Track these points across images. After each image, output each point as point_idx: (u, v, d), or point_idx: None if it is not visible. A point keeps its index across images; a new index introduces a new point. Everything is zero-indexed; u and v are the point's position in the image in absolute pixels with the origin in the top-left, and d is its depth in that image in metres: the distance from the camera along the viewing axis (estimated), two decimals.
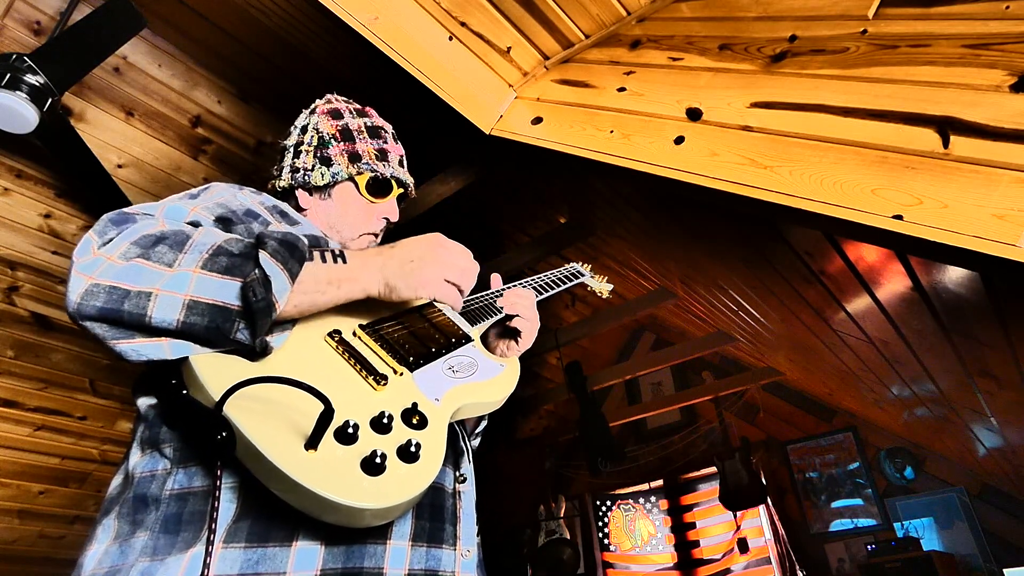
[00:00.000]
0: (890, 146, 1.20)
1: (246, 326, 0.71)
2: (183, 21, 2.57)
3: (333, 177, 1.09)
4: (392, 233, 1.26)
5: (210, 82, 2.86)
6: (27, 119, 2.10)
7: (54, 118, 2.20)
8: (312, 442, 0.68)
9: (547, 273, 1.37)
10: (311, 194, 1.11)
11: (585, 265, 1.55)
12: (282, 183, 1.13)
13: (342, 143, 1.11)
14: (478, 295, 1.17)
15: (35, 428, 3.46)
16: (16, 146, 2.65)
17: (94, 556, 0.72)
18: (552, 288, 1.33)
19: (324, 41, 2.60)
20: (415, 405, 0.81)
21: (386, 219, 1.14)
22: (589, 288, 1.57)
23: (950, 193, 1.09)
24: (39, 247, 2.99)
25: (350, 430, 0.71)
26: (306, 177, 1.10)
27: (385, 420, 0.75)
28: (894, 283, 1.91)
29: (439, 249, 0.88)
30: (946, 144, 1.13)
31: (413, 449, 0.73)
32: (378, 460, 0.69)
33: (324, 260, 0.82)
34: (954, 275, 1.64)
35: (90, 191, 2.72)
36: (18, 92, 2.04)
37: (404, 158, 1.20)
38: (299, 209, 1.11)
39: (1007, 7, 1.19)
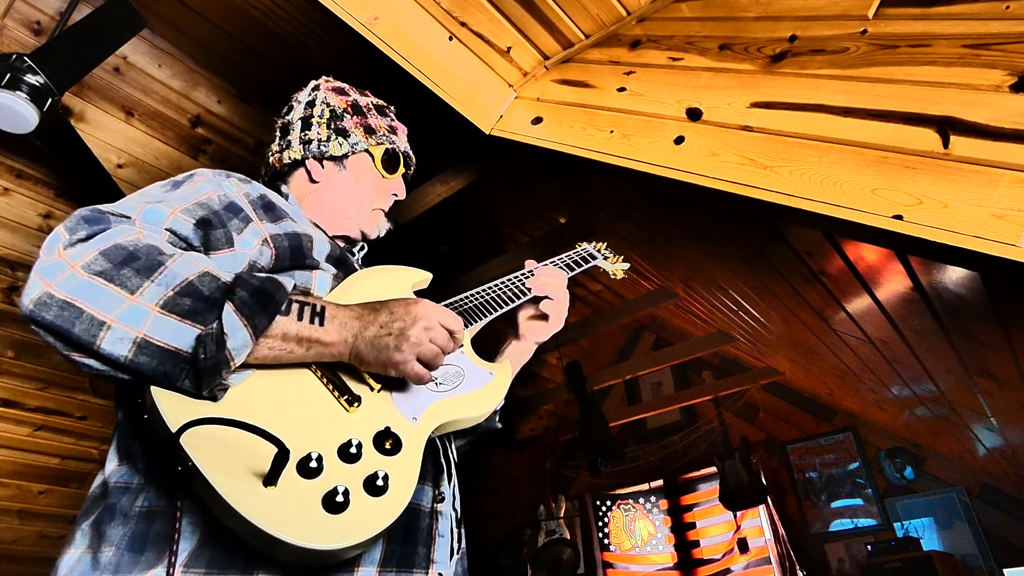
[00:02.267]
0: (890, 146, 1.20)
1: (193, 376, 0.69)
2: (183, 21, 2.57)
3: (352, 147, 1.09)
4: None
5: (210, 82, 2.86)
6: (27, 119, 2.10)
7: (54, 118, 2.20)
8: (271, 480, 0.65)
9: (563, 255, 1.32)
10: (324, 165, 1.10)
11: (598, 244, 1.49)
12: (293, 154, 1.10)
13: (355, 117, 1.12)
14: (491, 284, 1.12)
15: (35, 428, 3.47)
16: (16, 146, 2.65)
17: (68, 562, 0.71)
18: (576, 267, 1.30)
19: (324, 41, 2.60)
20: (388, 429, 0.77)
21: (395, 195, 1.14)
22: (602, 270, 1.52)
23: (950, 193, 1.09)
24: (39, 247, 2.98)
25: (312, 464, 0.68)
26: (322, 148, 1.09)
27: (353, 449, 0.72)
28: (894, 283, 1.91)
29: (420, 325, 0.81)
30: (946, 144, 1.13)
31: (380, 482, 0.70)
32: (340, 498, 0.66)
33: (301, 316, 0.77)
34: (954, 275, 1.64)
35: (90, 191, 2.72)
36: (18, 92, 2.04)
37: (407, 140, 1.22)
38: (312, 181, 1.09)
39: (1007, 7, 1.19)
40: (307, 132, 1.11)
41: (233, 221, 0.87)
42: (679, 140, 1.56)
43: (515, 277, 1.16)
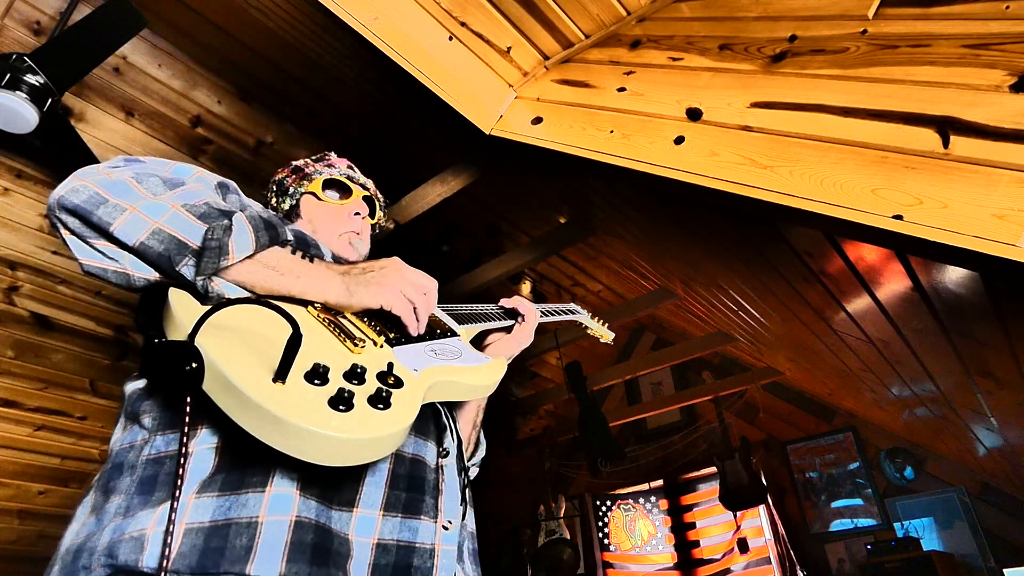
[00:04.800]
0: (890, 146, 1.20)
1: (194, 263, 0.74)
2: (183, 21, 2.57)
3: (292, 197, 1.21)
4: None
5: (210, 82, 2.86)
6: (27, 119, 2.10)
7: (54, 118, 2.20)
8: (281, 373, 0.67)
9: (547, 304, 1.43)
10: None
11: (587, 310, 1.59)
12: None
13: (293, 176, 1.24)
14: (479, 304, 1.22)
15: (35, 428, 3.46)
16: (16, 146, 2.65)
17: (72, 531, 0.74)
18: (549, 316, 1.38)
19: (324, 41, 2.60)
20: (391, 366, 0.80)
21: (357, 215, 1.19)
22: (586, 328, 1.59)
23: (950, 193, 1.09)
24: (39, 247, 2.99)
25: (320, 370, 0.70)
26: (277, 213, 1.23)
27: (359, 371, 0.74)
28: (894, 283, 1.91)
29: (400, 265, 0.92)
30: (946, 144, 1.13)
31: (384, 395, 0.72)
32: (346, 395, 0.68)
33: (294, 253, 0.86)
34: (954, 275, 1.64)
35: None
36: (18, 92, 2.04)
37: (353, 167, 1.29)
38: None
39: (1007, 7, 1.19)
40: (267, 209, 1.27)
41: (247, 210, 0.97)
42: (679, 140, 1.56)
43: (489, 306, 1.26)
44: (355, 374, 0.74)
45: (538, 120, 1.96)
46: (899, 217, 1.13)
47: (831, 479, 4.47)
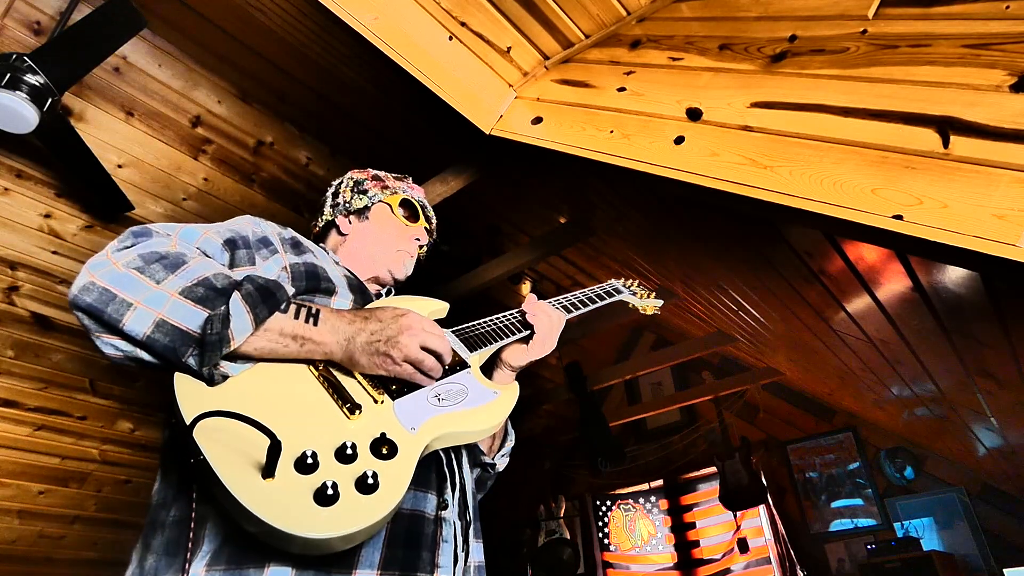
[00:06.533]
0: (890, 146, 1.20)
1: (198, 353, 0.78)
2: (183, 21, 2.57)
3: (370, 199, 1.27)
4: None
5: (210, 82, 2.86)
6: (27, 119, 2.10)
7: (54, 118, 2.20)
8: (268, 471, 0.70)
9: (581, 291, 1.39)
10: (350, 220, 1.27)
11: (628, 282, 1.53)
12: (325, 217, 1.30)
13: (374, 182, 1.32)
14: (497, 315, 1.19)
15: (35, 428, 3.46)
16: (16, 146, 2.65)
17: None
18: (583, 306, 1.35)
19: (324, 41, 2.60)
20: (383, 435, 0.81)
21: (417, 240, 1.28)
22: (631, 306, 1.55)
23: (950, 193, 1.09)
24: (39, 247, 2.99)
25: (309, 460, 0.72)
26: (346, 205, 1.28)
27: (349, 451, 0.76)
28: (894, 283, 1.91)
29: (409, 331, 0.90)
30: (946, 144, 1.13)
31: (371, 481, 0.73)
32: (330, 492, 0.70)
33: (297, 316, 0.87)
34: (954, 275, 1.64)
35: (90, 191, 2.72)
36: (18, 92, 2.04)
37: (427, 201, 1.37)
38: (340, 234, 1.27)
39: (1007, 7, 1.19)
40: (335, 199, 1.31)
41: (262, 251, 1.00)
42: (679, 140, 1.56)
43: (506, 315, 1.23)
44: (345, 455, 0.76)
45: (538, 120, 1.96)
46: (899, 217, 1.13)
47: (831, 479, 4.47)
